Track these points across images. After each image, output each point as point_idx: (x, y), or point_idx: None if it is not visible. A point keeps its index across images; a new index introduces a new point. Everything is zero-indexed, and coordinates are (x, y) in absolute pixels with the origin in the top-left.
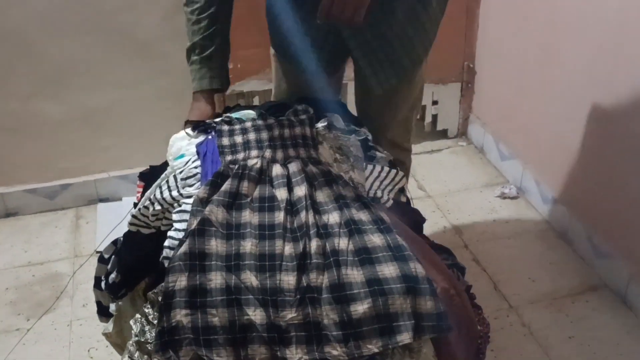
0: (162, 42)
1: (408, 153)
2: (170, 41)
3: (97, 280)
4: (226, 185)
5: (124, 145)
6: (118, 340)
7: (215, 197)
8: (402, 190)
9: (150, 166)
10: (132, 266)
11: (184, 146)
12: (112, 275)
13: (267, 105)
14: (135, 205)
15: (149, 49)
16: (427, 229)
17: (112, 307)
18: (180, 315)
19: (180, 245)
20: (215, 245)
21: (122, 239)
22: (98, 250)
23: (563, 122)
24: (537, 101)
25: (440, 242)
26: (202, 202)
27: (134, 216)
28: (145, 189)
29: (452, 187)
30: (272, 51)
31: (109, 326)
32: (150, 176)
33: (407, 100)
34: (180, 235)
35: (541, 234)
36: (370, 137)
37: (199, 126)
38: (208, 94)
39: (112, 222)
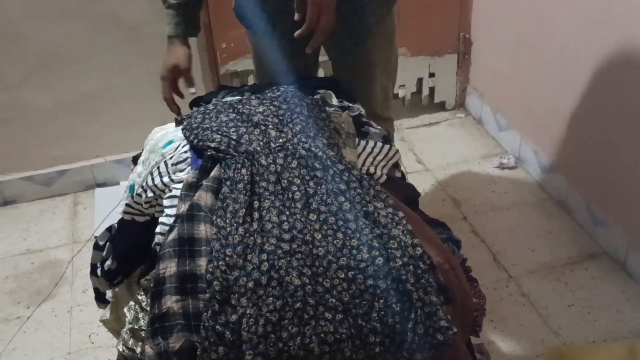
0: (150, 24)
1: (390, 122)
2: (158, 23)
3: (93, 267)
4: (215, 172)
5: (117, 130)
6: (116, 326)
7: (204, 182)
8: (396, 165)
9: (143, 150)
10: (127, 253)
11: (170, 132)
12: (108, 262)
13: (257, 87)
14: (130, 188)
15: (138, 32)
16: (426, 202)
17: (109, 294)
18: (171, 302)
19: (170, 231)
20: (205, 230)
21: (116, 225)
22: (96, 235)
23: (559, 91)
24: (533, 70)
25: (439, 214)
26: (192, 187)
27: (127, 204)
28: None
29: (450, 159)
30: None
31: (106, 313)
32: None
33: (382, 65)
34: (171, 220)
35: (540, 204)
36: (363, 113)
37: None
38: (183, 38)
39: (110, 206)
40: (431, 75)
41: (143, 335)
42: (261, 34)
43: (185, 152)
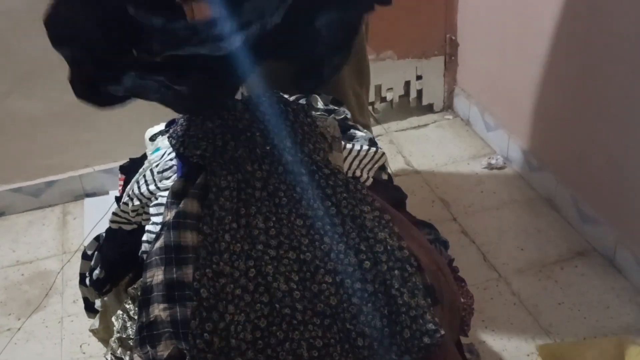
0: None
1: (368, 128)
2: None
3: (82, 277)
4: (201, 179)
5: (105, 139)
6: (105, 336)
7: (190, 189)
8: (382, 168)
9: (130, 159)
10: (115, 262)
11: (159, 140)
12: (96, 272)
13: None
14: (117, 199)
15: None
16: (416, 204)
17: (98, 303)
18: (159, 310)
19: (156, 239)
20: (191, 237)
21: (104, 234)
22: (85, 245)
23: (546, 90)
24: (519, 70)
25: (429, 216)
26: (178, 194)
27: (114, 213)
28: (126, 182)
29: (439, 161)
30: None
31: (95, 322)
32: (130, 169)
33: (351, 73)
34: (157, 228)
35: (528, 203)
36: (349, 116)
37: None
38: None
39: (100, 216)
40: (418, 77)
41: (131, 344)
42: None
43: (171, 159)
